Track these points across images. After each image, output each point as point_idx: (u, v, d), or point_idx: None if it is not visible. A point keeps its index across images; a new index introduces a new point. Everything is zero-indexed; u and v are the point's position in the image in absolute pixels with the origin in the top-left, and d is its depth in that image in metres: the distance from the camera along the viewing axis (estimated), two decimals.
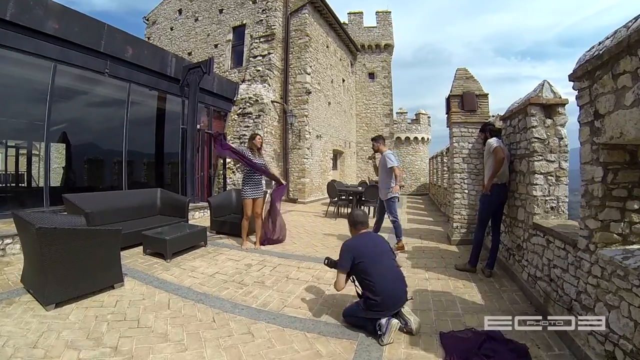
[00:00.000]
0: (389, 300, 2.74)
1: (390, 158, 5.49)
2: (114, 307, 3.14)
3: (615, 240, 2.28)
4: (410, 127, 21.87)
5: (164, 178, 10.79)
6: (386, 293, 2.74)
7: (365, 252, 2.88)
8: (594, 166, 2.34)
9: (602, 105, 2.23)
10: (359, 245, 2.96)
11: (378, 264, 2.84)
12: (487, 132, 4.41)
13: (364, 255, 2.85)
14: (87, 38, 6.77)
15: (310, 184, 13.38)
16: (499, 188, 4.17)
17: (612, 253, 2.18)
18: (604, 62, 2.19)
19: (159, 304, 3.26)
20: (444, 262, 4.86)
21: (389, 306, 2.74)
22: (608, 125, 2.17)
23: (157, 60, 8.63)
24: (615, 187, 2.25)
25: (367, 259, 2.84)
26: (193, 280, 3.97)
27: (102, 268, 3.44)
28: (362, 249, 2.91)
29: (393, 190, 5.44)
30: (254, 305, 3.31)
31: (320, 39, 14.86)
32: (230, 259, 4.93)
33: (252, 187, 5.50)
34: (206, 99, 10.47)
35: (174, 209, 6.39)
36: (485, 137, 4.45)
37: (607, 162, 2.25)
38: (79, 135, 9.47)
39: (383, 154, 5.62)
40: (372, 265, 2.82)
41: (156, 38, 17.06)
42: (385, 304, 2.72)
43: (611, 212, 2.27)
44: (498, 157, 3.95)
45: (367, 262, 2.83)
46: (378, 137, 5.85)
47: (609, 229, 2.29)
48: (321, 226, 8.02)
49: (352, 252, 2.88)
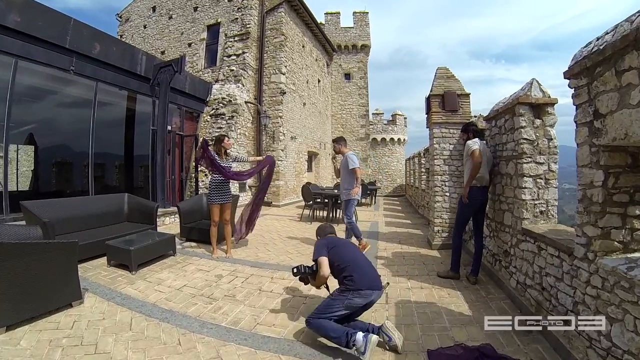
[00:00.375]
0: (364, 277, 2.72)
1: (352, 159, 5.43)
2: (71, 329, 2.82)
3: (616, 249, 2.14)
4: (387, 128, 21.90)
5: (135, 182, 10.26)
6: (361, 271, 2.76)
7: (336, 242, 3.08)
8: (594, 169, 2.18)
9: (604, 104, 2.07)
10: (330, 239, 3.13)
11: (349, 249, 3.04)
12: (469, 132, 4.24)
13: (336, 244, 3.01)
14: (52, 33, 6.30)
15: (285, 186, 13.10)
16: (478, 191, 4.03)
17: (614, 263, 2.03)
18: (606, 57, 2.04)
19: (120, 324, 2.95)
20: (426, 269, 4.66)
21: (365, 284, 2.68)
22: (610, 126, 2.01)
23: (126, 58, 8.15)
24: (616, 191, 2.10)
25: (339, 245, 3.03)
26: (159, 295, 3.65)
27: (57, 285, 3.11)
28: (334, 240, 3.12)
29: (353, 193, 5.43)
30: (223, 324, 3.02)
31: (296, 38, 14.60)
32: (200, 269, 4.59)
33: (219, 191, 5.17)
34: (178, 99, 10.06)
35: (142, 215, 5.98)
36: (467, 138, 4.27)
37: (608, 165, 2.10)
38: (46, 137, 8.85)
39: (345, 155, 5.54)
40: (344, 250, 2.97)
41: (129, 36, 16.47)
42: (361, 281, 2.69)
43: (612, 218, 2.12)
44: (475, 162, 3.86)
45: (340, 247, 2.98)
46: (339, 139, 5.76)
47: (610, 237, 2.14)
48: (296, 231, 7.75)
49: (325, 244, 3.02)
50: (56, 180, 9.79)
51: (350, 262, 2.81)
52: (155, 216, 5.95)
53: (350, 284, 2.68)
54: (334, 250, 2.93)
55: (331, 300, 2.72)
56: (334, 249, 2.93)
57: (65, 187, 9.39)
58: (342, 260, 2.83)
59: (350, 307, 2.65)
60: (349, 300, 2.64)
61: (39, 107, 7.72)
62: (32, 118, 7.75)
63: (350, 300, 2.64)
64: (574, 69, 2.34)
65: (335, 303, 2.66)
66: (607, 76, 2.04)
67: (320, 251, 2.92)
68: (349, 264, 2.79)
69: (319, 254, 2.91)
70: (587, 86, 2.24)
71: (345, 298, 2.65)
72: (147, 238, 4.87)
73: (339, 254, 2.89)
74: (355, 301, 2.64)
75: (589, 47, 2.26)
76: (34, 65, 6.22)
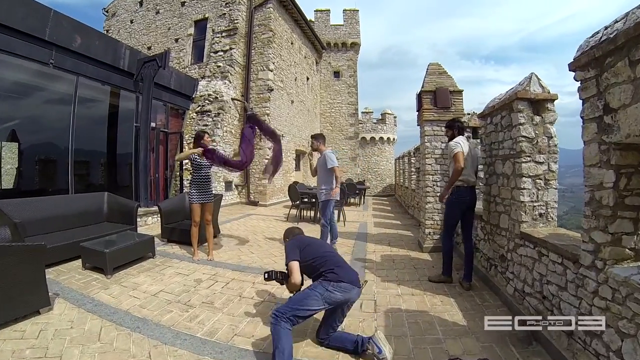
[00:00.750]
0: (343, 271, 2.58)
1: (331, 158, 5.21)
2: (36, 338, 2.62)
3: (627, 257, 1.95)
4: (376, 127, 21.76)
5: (119, 180, 9.89)
6: (340, 265, 2.64)
7: (309, 241, 2.89)
8: (603, 169, 1.99)
9: (615, 98, 1.88)
10: (300, 239, 2.93)
11: (324, 247, 2.93)
12: (455, 129, 4.08)
13: (309, 243, 2.82)
14: (30, 24, 6.00)
15: (272, 185, 12.79)
16: (465, 190, 3.90)
17: (626, 272, 1.84)
18: (618, 46, 1.85)
19: (89, 334, 2.73)
20: (417, 274, 4.44)
21: (345, 277, 2.52)
22: (623, 122, 1.82)
23: (108, 51, 7.83)
24: (628, 194, 1.91)
25: (312, 243, 2.84)
26: (133, 301, 3.41)
27: (23, 291, 2.90)
28: (305, 239, 2.92)
29: (332, 193, 5.29)
30: (199, 334, 2.79)
31: (284, 35, 14.33)
32: (179, 272, 4.34)
33: (200, 189, 4.91)
34: (163, 96, 9.77)
35: (122, 215, 5.72)
36: (452, 135, 4.11)
37: (619, 165, 1.90)
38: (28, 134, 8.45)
39: (323, 153, 5.30)
40: (319, 247, 2.81)
41: (115, 31, 16.18)
42: (341, 273, 2.54)
43: (623, 223, 1.93)
44: (457, 167, 3.72)
45: (313, 246, 2.80)
46: (318, 135, 5.55)
47: (621, 244, 1.95)
48: (282, 232, 7.39)
49: (296, 244, 2.79)
50: (37, 178, 9.40)
51: (327, 257, 2.66)
52: (135, 216, 5.71)
53: (330, 276, 2.50)
54: (307, 249, 2.72)
55: (309, 290, 2.49)
56: (306, 248, 2.73)
57: (47, 186, 9.03)
58: (318, 256, 2.66)
59: (330, 301, 2.43)
60: (329, 292, 2.42)
61: (17, 102, 7.34)
62: (10, 114, 7.35)
63: (330, 293, 2.42)
64: (580, 59, 2.14)
65: (313, 293, 2.44)
66: (619, 67, 1.85)
67: (291, 254, 2.67)
68: (327, 258, 2.65)
69: (289, 257, 2.66)
70: (595, 78, 2.05)
71: (325, 289, 2.43)
72: (125, 239, 4.63)
73: (312, 252, 2.70)
74: (335, 295, 2.43)
75: (597, 37, 2.07)
76: (11, 58, 5.92)
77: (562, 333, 2.39)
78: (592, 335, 2.10)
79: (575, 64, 2.20)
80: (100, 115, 8.71)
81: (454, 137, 4.04)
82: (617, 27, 1.91)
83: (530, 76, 3.04)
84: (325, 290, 2.42)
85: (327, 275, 2.51)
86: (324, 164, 5.21)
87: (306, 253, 2.68)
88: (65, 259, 4.45)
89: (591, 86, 2.08)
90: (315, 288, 2.46)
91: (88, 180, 8.84)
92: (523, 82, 3.08)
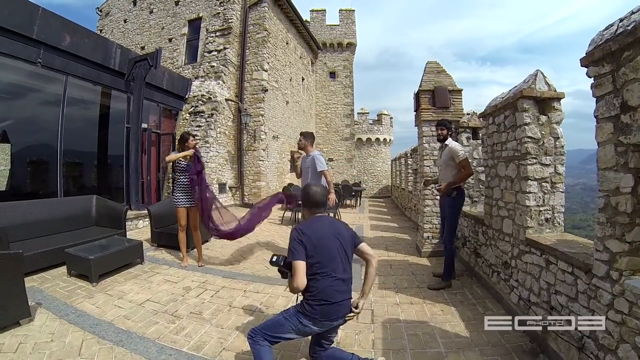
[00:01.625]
0: (327, 309, 2.10)
1: (321, 161, 4.83)
2: (15, 352, 2.48)
3: None
4: (372, 128, 21.65)
5: (111, 183, 9.67)
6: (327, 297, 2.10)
7: (320, 237, 2.20)
8: (620, 173, 1.83)
9: (634, 95, 1.73)
10: (313, 228, 2.25)
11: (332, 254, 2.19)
12: (450, 129, 4.21)
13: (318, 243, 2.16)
14: (18, 22, 5.85)
15: (267, 187, 12.61)
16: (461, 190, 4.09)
17: None
18: (637, 39, 1.70)
19: (69, 347, 2.57)
20: (416, 281, 4.27)
21: (324, 315, 2.10)
22: None
23: (99, 50, 7.65)
24: None
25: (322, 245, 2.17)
26: (118, 311, 3.24)
27: (0, 301, 2.73)
28: (318, 232, 2.22)
29: (330, 202, 4.48)
30: (185, 349, 2.62)
31: (279, 34, 14.17)
32: (168, 280, 4.16)
33: (185, 192, 4.69)
34: (155, 96, 9.61)
35: (111, 218, 5.52)
36: (445, 135, 4.16)
37: (639, 168, 1.74)
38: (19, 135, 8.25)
39: (312, 155, 4.91)
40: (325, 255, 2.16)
41: (109, 30, 15.92)
42: (323, 311, 2.09)
43: None
44: (469, 172, 3.98)
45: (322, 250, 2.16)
46: (309, 134, 5.16)
47: (639, 253, 1.78)
48: (276, 235, 7.28)
49: (303, 238, 2.17)
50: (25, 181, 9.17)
51: (321, 275, 2.12)
52: (123, 220, 5.50)
53: (307, 309, 2.10)
54: (314, 250, 2.14)
55: (283, 319, 2.15)
56: (315, 249, 2.15)
57: (34, 189, 8.80)
58: (316, 267, 2.13)
59: (302, 333, 2.16)
60: (303, 326, 2.10)
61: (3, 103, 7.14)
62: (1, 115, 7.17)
63: (304, 327, 2.11)
64: (594, 54, 1.99)
65: (287, 324, 2.12)
66: (638, 61, 1.70)
67: (296, 251, 2.14)
68: (319, 278, 2.12)
69: (294, 254, 2.14)
70: (611, 74, 1.89)
71: (299, 322, 2.11)
72: (112, 245, 4.46)
73: (317, 259, 2.14)
74: (310, 328, 2.12)
75: (612, 29, 1.92)
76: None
77: (571, 346, 2.23)
78: (605, 350, 1.95)
79: (588, 59, 2.04)
80: (90, 116, 8.49)
81: (446, 138, 4.15)
82: (635, 19, 1.77)
83: (536, 73, 2.88)
84: (299, 323, 2.11)
85: (308, 302, 2.12)
86: (312, 167, 4.86)
87: (311, 254, 2.15)
88: (51, 265, 4.26)
89: (606, 82, 1.92)
90: (290, 318, 2.14)
91: (78, 182, 8.62)
92: (528, 80, 2.92)
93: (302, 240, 2.16)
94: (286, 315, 2.17)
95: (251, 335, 2.11)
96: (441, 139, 4.23)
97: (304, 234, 2.18)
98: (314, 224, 2.29)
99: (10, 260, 2.82)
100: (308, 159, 4.97)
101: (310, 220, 2.34)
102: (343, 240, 2.27)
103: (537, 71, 2.89)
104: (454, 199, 4.00)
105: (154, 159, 9.70)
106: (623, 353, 1.81)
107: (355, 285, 2.86)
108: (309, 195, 2.39)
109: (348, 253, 2.29)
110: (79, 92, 7.64)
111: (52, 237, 4.69)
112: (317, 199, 2.38)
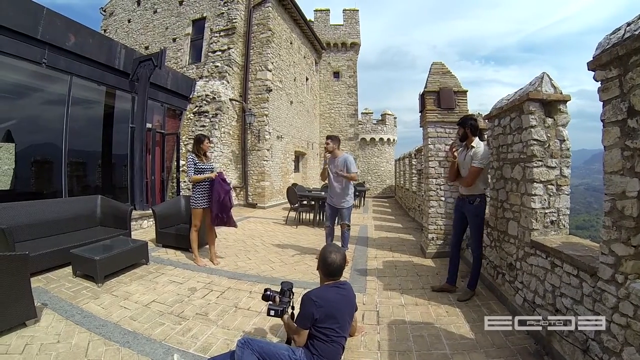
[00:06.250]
0: None
1: (353, 163, 5.00)
2: (21, 354, 2.47)
3: None
4: (376, 127, 21.63)
5: (115, 182, 9.73)
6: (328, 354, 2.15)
7: (333, 303, 2.22)
8: (627, 177, 1.84)
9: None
10: (328, 296, 2.25)
11: (341, 330, 2.23)
12: (468, 127, 3.62)
13: (331, 309, 2.19)
14: (22, 22, 5.83)
15: (271, 187, 12.65)
16: None
17: None
18: None
19: (76, 349, 2.57)
20: (420, 282, 4.27)
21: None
22: None
23: (103, 51, 7.65)
24: None
25: (334, 311, 2.20)
26: (123, 312, 3.24)
27: (7, 303, 2.73)
28: (331, 299, 2.24)
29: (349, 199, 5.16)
30: (191, 350, 2.63)
31: (283, 34, 14.17)
32: (173, 280, 4.17)
33: (204, 194, 4.80)
34: (159, 96, 9.61)
35: (116, 219, 5.55)
36: (464, 134, 3.65)
37: None
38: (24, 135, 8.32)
39: (342, 157, 5.00)
40: (333, 320, 2.18)
41: (113, 30, 15.93)
42: None
43: None
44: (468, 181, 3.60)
45: (332, 315, 2.18)
46: (335, 138, 5.17)
47: None
48: (280, 236, 7.32)
49: (316, 305, 2.16)
50: (29, 180, 9.23)
51: (328, 338, 2.16)
52: (128, 220, 5.52)
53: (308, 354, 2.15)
54: (326, 320, 2.16)
55: (281, 351, 2.14)
56: (326, 320, 2.16)
57: (42, 188, 8.88)
58: (325, 330, 2.15)
59: None
60: None
61: (8, 102, 7.19)
62: (6, 115, 7.21)
63: None
64: (601, 58, 2.00)
65: (283, 356, 2.11)
66: None
67: (306, 320, 2.16)
68: (326, 340, 2.15)
69: (303, 322, 2.17)
70: (618, 78, 1.90)
71: None
72: (118, 245, 4.46)
73: (327, 323, 2.16)
74: None
75: (619, 34, 1.93)
76: (1, 57, 5.75)
77: (576, 348, 2.24)
78: (610, 353, 1.96)
79: (595, 62, 2.05)
80: (94, 116, 8.53)
81: (466, 136, 3.66)
82: None
83: (542, 76, 2.88)
84: None
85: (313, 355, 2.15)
86: (347, 169, 4.95)
87: (321, 315, 2.16)
88: (56, 265, 4.28)
89: (613, 87, 1.93)
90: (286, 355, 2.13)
91: (82, 182, 8.67)
92: (534, 82, 2.92)
93: (313, 313, 2.14)
94: (279, 353, 2.14)
95: (241, 345, 2.08)
96: (461, 139, 3.79)
97: (317, 306, 2.16)
98: (328, 294, 2.28)
99: (16, 262, 2.82)
100: (337, 161, 5.02)
101: (326, 290, 2.32)
102: (350, 310, 2.40)
103: (543, 73, 2.90)
104: (477, 207, 3.64)
105: (158, 159, 9.70)
106: (628, 356, 1.82)
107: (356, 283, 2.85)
108: (327, 264, 2.34)
109: (350, 319, 2.42)
110: (83, 92, 7.66)
111: (58, 238, 4.71)
112: (334, 268, 2.33)
